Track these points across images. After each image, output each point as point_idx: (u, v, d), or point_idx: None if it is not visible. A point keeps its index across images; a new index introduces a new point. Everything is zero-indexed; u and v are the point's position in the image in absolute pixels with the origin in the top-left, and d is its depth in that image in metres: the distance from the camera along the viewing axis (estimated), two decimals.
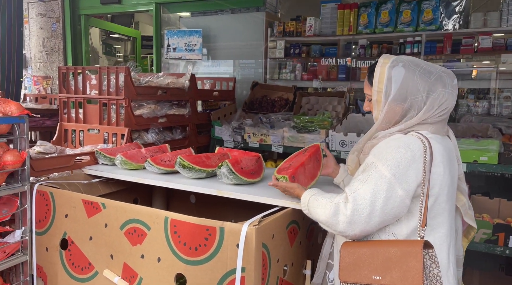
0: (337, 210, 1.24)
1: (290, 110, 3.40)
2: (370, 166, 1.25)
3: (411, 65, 1.29)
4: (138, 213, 1.47)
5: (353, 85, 3.46)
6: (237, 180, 1.70)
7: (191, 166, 1.78)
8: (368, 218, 1.20)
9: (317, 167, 1.77)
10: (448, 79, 1.28)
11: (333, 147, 2.80)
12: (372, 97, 1.34)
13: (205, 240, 1.32)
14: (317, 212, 1.30)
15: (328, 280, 1.46)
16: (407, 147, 1.23)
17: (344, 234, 1.26)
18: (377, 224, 1.22)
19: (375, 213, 1.20)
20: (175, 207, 2.48)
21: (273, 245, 1.36)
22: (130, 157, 2.01)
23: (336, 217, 1.24)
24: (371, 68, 1.35)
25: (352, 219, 1.21)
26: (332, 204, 1.26)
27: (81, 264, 1.63)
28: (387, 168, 1.21)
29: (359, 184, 1.24)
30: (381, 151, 1.26)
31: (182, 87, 2.87)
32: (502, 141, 2.26)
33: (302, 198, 1.39)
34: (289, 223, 1.47)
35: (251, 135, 3.11)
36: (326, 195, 1.34)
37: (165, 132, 2.78)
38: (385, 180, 1.20)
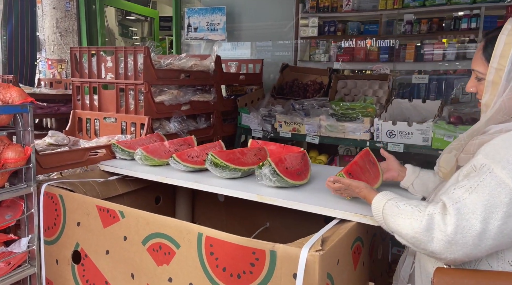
0: (431, 224, 0.95)
1: (324, 95, 3.05)
2: (481, 170, 0.96)
3: None
4: (164, 226, 1.18)
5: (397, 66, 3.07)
6: (282, 182, 1.39)
7: (224, 164, 1.48)
8: (477, 239, 0.91)
9: (375, 170, 1.45)
10: None
11: (379, 137, 2.45)
12: (487, 77, 1.01)
13: (251, 266, 1.03)
14: (398, 223, 1.02)
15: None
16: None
17: (438, 256, 0.97)
18: (488, 248, 0.93)
19: (488, 234, 0.91)
20: (201, 207, 2.21)
21: (337, 273, 1.06)
22: (152, 152, 1.72)
23: (429, 233, 0.95)
24: (489, 37, 1.02)
25: (453, 238, 0.93)
26: (423, 215, 0.97)
27: (96, 282, 1.36)
28: (508, 173, 0.92)
29: (464, 192, 0.95)
30: (497, 150, 0.96)
31: (207, 71, 2.55)
32: None
33: (375, 202, 1.11)
34: (354, 241, 1.16)
35: (283, 124, 2.79)
36: (410, 201, 1.05)
37: (188, 121, 2.49)
38: (506, 190, 0.91)
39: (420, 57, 2.93)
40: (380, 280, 1.48)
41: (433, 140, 2.19)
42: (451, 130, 2.10)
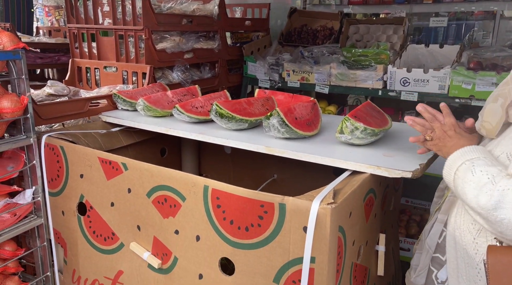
0: (501, 202, 0.79)
1: (335, 41, 2.88)
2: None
3: None
4: (168, 178, 1.14)
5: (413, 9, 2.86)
6: (291, 133, 1.32)
7: (230, 115, 1.40)
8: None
9: (382, 115, 1.40)
10: None
11: (392, 86, 2.33)
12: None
13: (259, 219, 0.99)
14: (465, 192, 0.86)
15: (436, 280, 1.10)
16: None
17: (510, 238, 0.82)
18: None
19: None
20: (207, 159, 2.17)
21: (349, 226, 1.02)
22: (154, 102, 1.65)
23: (498, 213, 0.80)
24: None
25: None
26: (494, 189, 0.81)
27: (103, 233, 1.35)
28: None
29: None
30: None
31: (211, 15, 2.39)
32: None
33: (451, 160, 0.92)
34: (366, 194, 1.11)
35: (291, 73, 2.66)
36: (491, 167, 0.85)
37: (192, 70, 2.38)
38: None
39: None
40: (391, 231, 1.45)
41: (450, 88, 2.07)
42: (471, 76, 1.98)
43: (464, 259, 0.96)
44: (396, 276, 1.52)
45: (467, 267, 0.95)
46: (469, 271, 0.95)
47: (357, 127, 1.22)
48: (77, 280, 1.47)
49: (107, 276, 1.36)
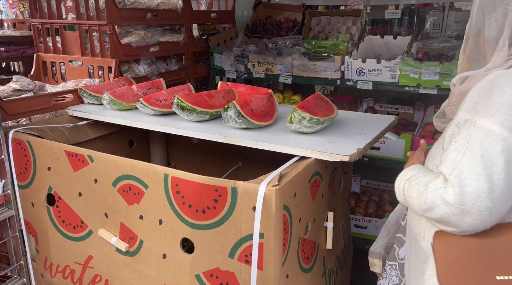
0: (434, 201, 0.87)
1: (299, 33, 3.00)
2: (465, 126, 0.90)
3: None
4: (132, 168, 1.23)
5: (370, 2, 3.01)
6: (247, 123, 1.44)
7: (191, 108, 1.50)
8: (489, 200, 0.82)
9: (329, 106, 1.54)
10: None
11: (349, 75, 2.48)
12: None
13: (215, 201, 1.11)
14: (413, 207, 0.95)
15: (398, 256, 1.21)
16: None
17: (457, 232, 0.89)
18: (505, 206, 0.85)
19: (497, 191, 0.82)
20: (176, 149, 2.26)
21: (294, 205, 1.15)
22: (119, 96, 1.72)
23: (435, 212, 0.87)
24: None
25: (464, 209, 0.84)
26: (426, 193, 0.89)
27: (72, 222, 1.44)
28: (491, 120, 0.85)
29: (457, 155, 0.87)
30: (475, 101, 0.90)
31: (175, 9, 2.45)
32: None
33: (397, 181, 1.03)
34: (311, 176, 1.24)
35: (256, 65, 2.77)
36: (425, 177, 0.95)
37: (158, 63, 2.44)
38: (495, 138, 0.84)
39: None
40: (341, 209, 1.60)
41: (400, 77, 2.24)
42: (417, 66, 2.14)
43: (412, 238, 1.09)
44: (346, 249, 1.68)
45: (414, 245, 1.08)
46: (416, 249, 1.06)
47: (304, 117, 1.34)
48: (49, 267, 1.55)
49: (78, 262, 1.45)
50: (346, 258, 1.70)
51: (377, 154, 2.41)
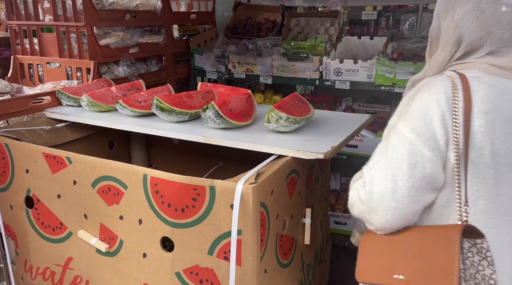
0: (354, 199, 0.94)
1: (278, 34, 3.04)
2: (391, 129, 0.95)
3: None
4: (110, 169, 1.24)
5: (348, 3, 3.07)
6: (226, 124, 1.46)
7: (170, 108, 1.52)
8: (392, 200, 0.87)
9: (306, 106, 1.59)
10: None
11: (328, 76, 2.54)
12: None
13: (193, 200, 1.13)
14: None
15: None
16: (430, 90, 0.89)
17: (371, 228, 0.95)
18: (411, 208, 0.89)
19: (401, 191, 0.87)
20: (157, 150, 2.27)
21: (271, 202, 1.18)
22: (98, 98, 1.72)
23: (354, 209, 0.95)
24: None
25: (371, 206, 0.89)
26: (350, 191, 0.98)
27: (51, 224, 1.43)
28: (405, 124, 0.89)
29: (378, 156, 0.94)
30: (401, 107, 0.96)
31: (154, 10, 2.46)
32: None
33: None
34: (288, 174, 1.28)
35: (236, 65, 2.79)
36: (359, 174, 1.03)
37: (138, 64, 2.45)
38: (404, 141, 0.88)
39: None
40: (319, 206, 1.64)
41: (376, 77, 2.30)
42: (392, 66, 2.21)
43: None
44: (324, 245, 1.72)
45: None
46: None
47: (281, 117, 1.38)
48: (29, 269, 1.54)
49: (58, 263, 1.45)
50: (324, 253, 1.74)
51: (355, 151, 2.47)
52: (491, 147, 0.84)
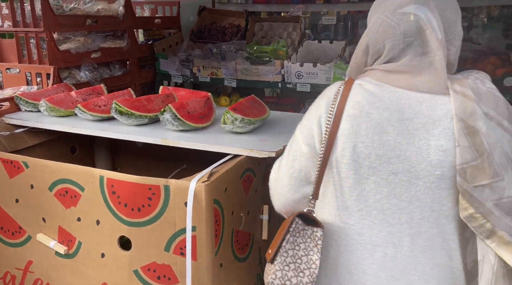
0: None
1: (242, 38, 3.11)
2: None
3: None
4: (67, 172, 1.27)
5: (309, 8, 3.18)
6: (184, 126, 1.51)
7: (129, 112, 1.55)
8: (279, 186, 1.04)
9: (262, 107, 1.67)
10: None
11: (289, 79, 2.63)
12: None
13: (149, 200, 1.17)
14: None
15: None
16: (320, 95, 1.00)
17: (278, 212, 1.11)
18: (290, 193, 1.02)
19: (283, 179, 1.02)
20: (121, 153, 2.28)
21: (226, 199, 1.24)
22: (57, 103, 1.73)
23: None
24: None
25: (270, 192, 1.09)
26: None
27: (11, 229, 1.44)
28: (299, 124, 1.03)
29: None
30: None
31: (116, 15, 2.47)
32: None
33: None
34: (243, 172, 1.34)
35: (201, 69, 2.85)
36: None
37: (101, 69, 2.45)
38: (293, 138, 1.03)
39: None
40: None
41: (333, 80, 2.41)
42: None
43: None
44: None
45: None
46: None
47: (236, 118, 1.44)
48: None
49: (18, 267, 1.45)
50: None
51: None
52: (353, 149, 0.90)
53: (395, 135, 0.87)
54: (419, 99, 0.87)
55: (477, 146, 0.80)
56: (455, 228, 0.89)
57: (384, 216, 0.90)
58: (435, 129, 0.85)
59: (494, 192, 0.80)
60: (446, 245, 0.89)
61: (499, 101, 0.84)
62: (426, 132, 0.85)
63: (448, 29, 0.89)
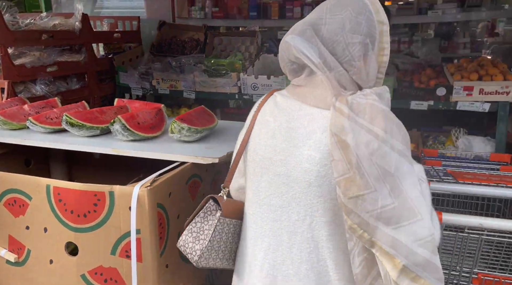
0: None
1: (202, 52, 3.22)
2: None
3: None
4: (15, 182, 1.31)
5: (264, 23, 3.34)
6: (134, 136, 1.58)
7: (80, 124, 1.61)
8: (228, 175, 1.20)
9: (211, 118, 1.75)
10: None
11: (245, 90, 2.75)
12: None
13: (94, 206, 1.23)
14: None
15: None
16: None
17: None
18: (233, 182, 1.19)
19: (230, 169, 1.19)
20: (79, 166, 2.31)
21: (170, 203, 1.32)
22: (9, 116, 1.76)
23: None
24: None
25: None
26: None
27: None
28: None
29: None
30: None
31: (73, 30, 2.52)
32: (396, 77, 2.38)
33: None
34: (189, 178, 1.43)
35: (160, 81, 2.92)
36: None
37: (58, 83, 2.49)
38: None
39: (283, 14, 3.23)
40: None
41: None
42: None
43: None
44: None
45: None
46: None
47: (183, 127, 1.53)
48: None
49: None
50: None
51: None
52: (254, 150, 1.05)
53: (281, 142, 0.98)
54: (307, 112, 0.97)
55: (348, 159, 0.84)
56: (330, 237, 0.93)
57: (270, 211, 1.02)
58: (309, 140, 0.93)
59: (368, 203, 0.82)
60: (319, 252, 0.96)
61: (379, 113, 0.85)
62: (303, 142, 0.94)
63: (341, 52, 0.93)
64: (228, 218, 1.11)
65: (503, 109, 2.22)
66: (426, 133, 2.74)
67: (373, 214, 0.82)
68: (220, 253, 1.11)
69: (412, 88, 2.35)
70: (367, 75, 0.95)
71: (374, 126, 0.84)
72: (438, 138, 2.63)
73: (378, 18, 0.93)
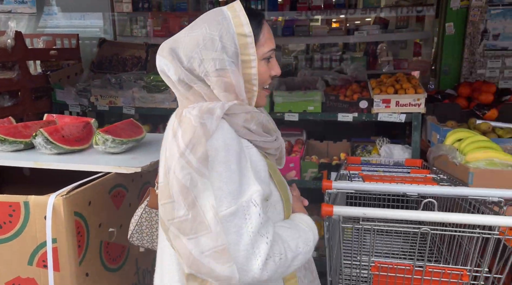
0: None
1: (143, 68, 3.27)
2: None
3: None
4: None
5: None
6: (58, 149, 1.60)
7: (2, 138, 1.60)
8: None
9: (138, 129, 1.81)
10: None
11: None
12: None
13: (10, 216, 1.24)
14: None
15: None
16: None
17: None
18: None
19: None
20: (9, 184, 2.24)
21: (90, 212, 1.35)
22: None
23: None
24: None
25: None
26: None
27: None
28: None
29: None
30: None
31: (5, 47, 2.49)
32: (324, 92, 2.57)
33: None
34: (112, 188, 1.47)
35: (99, 98, 2.93)
36: None
37: None
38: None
39: None
40: None
41: None
42: None
43: None
44: None
45: None
46: None
47: (107, 139, 1.57)
48: None
49: None
50: None
51: None
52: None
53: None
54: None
55: (165, 168, 0.92)
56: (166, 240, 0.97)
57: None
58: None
59: (168, 212, 0.90)
60: (163, 251, 1.08)
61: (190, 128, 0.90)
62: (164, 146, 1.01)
63: (198, 68, 0.97)
64: (154, 209, 1.25)
65: (416, 119, 2.45)
66: (356, 144, 2.94)
67: (173, 222, 0.89)
68: (146, 236, 1.29)
69: (338, 102, 2.54)
70: (226, 89, 0.97)
71: (180, 140, 0.90)
72: (366, 147, 2.85)
73: (239, 31, 0.96)
